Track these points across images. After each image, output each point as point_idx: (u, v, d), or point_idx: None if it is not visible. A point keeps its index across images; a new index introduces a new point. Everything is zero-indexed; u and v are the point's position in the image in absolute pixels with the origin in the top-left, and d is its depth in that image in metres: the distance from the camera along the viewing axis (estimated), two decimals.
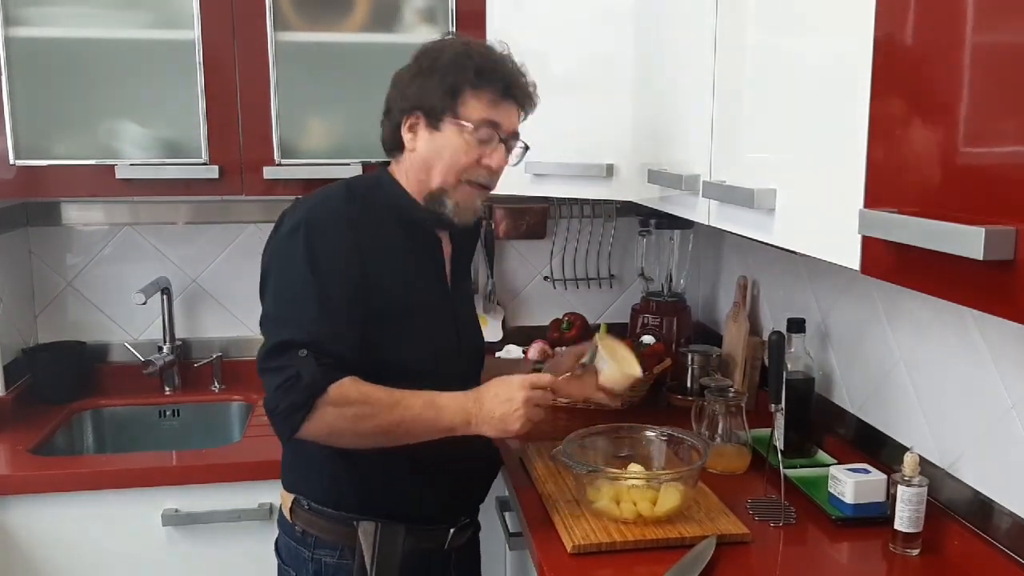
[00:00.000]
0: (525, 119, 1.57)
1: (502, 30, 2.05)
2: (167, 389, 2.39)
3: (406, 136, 1.50)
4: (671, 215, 1.75)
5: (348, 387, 1.39)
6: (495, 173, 1.51)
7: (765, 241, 1.32)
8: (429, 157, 1.49)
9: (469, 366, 1.63)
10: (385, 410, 1.40)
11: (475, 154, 1.48)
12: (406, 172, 1.53)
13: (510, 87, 1.49)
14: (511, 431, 1.43)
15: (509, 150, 1.53)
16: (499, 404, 1.43)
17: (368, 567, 1.49)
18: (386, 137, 1.55)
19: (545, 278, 2.58)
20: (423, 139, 1.49)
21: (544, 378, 1.49)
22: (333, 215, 1.46)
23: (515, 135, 1.54)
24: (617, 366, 1.57)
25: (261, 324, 1.46)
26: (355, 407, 1.39)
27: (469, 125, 1.46)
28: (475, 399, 1.44)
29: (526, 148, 1.58)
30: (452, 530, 1.59)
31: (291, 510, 1.56)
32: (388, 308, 1.47)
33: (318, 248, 1.42)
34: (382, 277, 1.46)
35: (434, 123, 1.48)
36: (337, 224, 1.45)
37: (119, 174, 2.04)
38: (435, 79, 1.46)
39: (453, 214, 1.51)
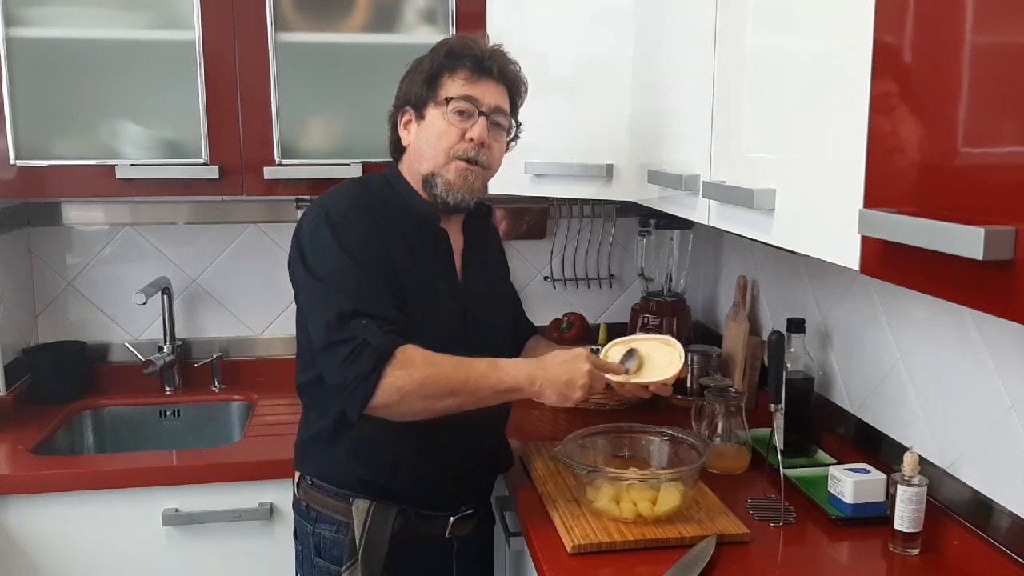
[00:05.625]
0: (520, 102, 1.60)
1: (502, 30, 2.05)
2: (167, 389, 2.39)
3: (403, 134, 1.58)
4: (671, 215, 1.75)
5: (412, 350, 1.42)
6: (483, 147, 1.52)
7: (765, 241, 1.32)
8: (420, 145, 1.55)
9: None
10: (450, 370, 1.43)
11: (457, 130, 1.52)
12: (408, 168, 1.59)
13: (482, 61, 1.53)
14: (573, 398, 1.47)
15: (497, 126, 1.55)
16: (566, 370, 1.47)
17: (357, 544, 1.51)
18: (391, 140, 1.63)
19: (545, 278, 2.58)
20: (414, 131, 1.57)
21: (603, 362, 1.54)
22: (350, 204, 1.52)
23: (498, 110, 1.55)
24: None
25: (305, 314, 1.50)
26: (422, 369, 1.41)
27: (450, 104, 1.51)
28: (539, 363, 1.49)
29: (518, 126, 1.61)
30: (453, 519, 1.60)
31: (298, 485, 1.63)
32: (404, 297, 1.49)
33: (344, 232, 1.47)
34: (399, 267, 1.50)
35: (421, 114, 1.55)
36: (355, 210, 1.51)
37: (119, 174, 2.04)
38: (416, 73, 1.56)
39: (446, 193, 1.53)
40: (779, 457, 1.56)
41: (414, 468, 1.55)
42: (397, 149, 1.62)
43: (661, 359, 1.57)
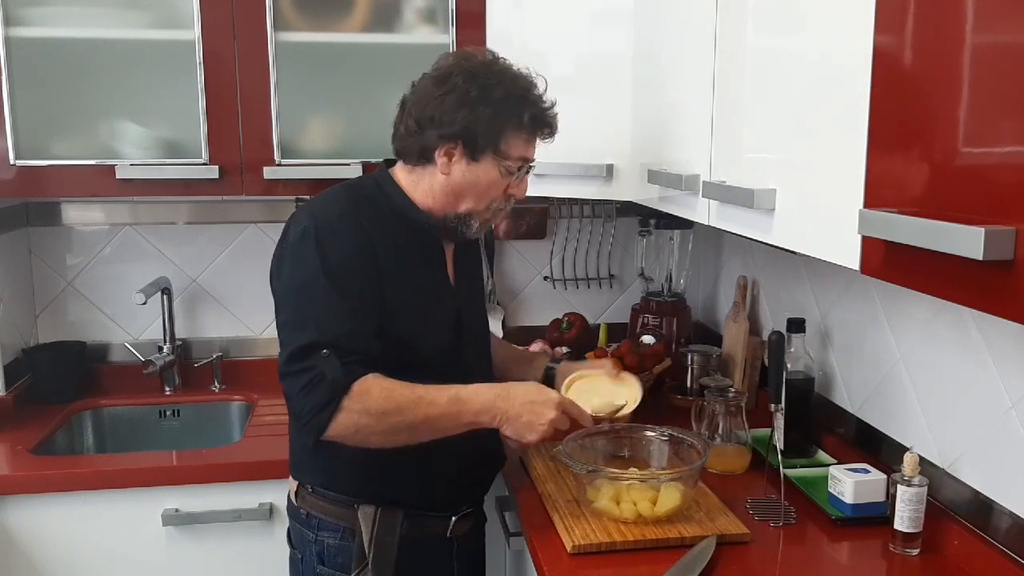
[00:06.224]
0: None
1: (502, 30, 2.05)
2: (167, 389, 2.39)
3: (439, 159, 1.50)
4: (671, 215, 1.75)
5: (371, 383, 1.41)
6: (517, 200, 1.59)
7: (765, 241, 1.32)
8: (463, 185, 1.51)
9: (476, 361, 1.65)
10: (409, 406, 1.42)
11: (504, 185, 1.53)
12: (426, 187, 1.54)
13: (550, 130, 1.55)
14: (527, 440, 1.47)
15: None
16: (528, 411, 1.46)
17: (367, 549, 1.51)
18: (409, 148, 1.53)
19: (545, 278, 2.58)
20: (459, 167, 1.50)
21: (578, 411, 1.54)
22: (340, 216, 1.49)
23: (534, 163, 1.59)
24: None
25: (279, 333, 1.49)
26: (379, 404, 1.41)
27: (510, 163, 1.51)
28: (503, 396, 1.47)
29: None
30: (454, 518, 1.61)
31: (297, 494, 1.61)
32: (398, 303, 1.49)
33: (329, 249, 1.45)
34: (392, 273, 1.49)
35: (473, 154, 1.49)
36: (344, 223, 1.48)
37: (119, 174, 2.04)
38: (485, 114, 1.46)
39: (476, 232, 1.58)
40: (779, 457, 1.56)
41: (417, 471, 1.54)
42: (419, 159, 1.52)
43: (614, 388, 1.70)
